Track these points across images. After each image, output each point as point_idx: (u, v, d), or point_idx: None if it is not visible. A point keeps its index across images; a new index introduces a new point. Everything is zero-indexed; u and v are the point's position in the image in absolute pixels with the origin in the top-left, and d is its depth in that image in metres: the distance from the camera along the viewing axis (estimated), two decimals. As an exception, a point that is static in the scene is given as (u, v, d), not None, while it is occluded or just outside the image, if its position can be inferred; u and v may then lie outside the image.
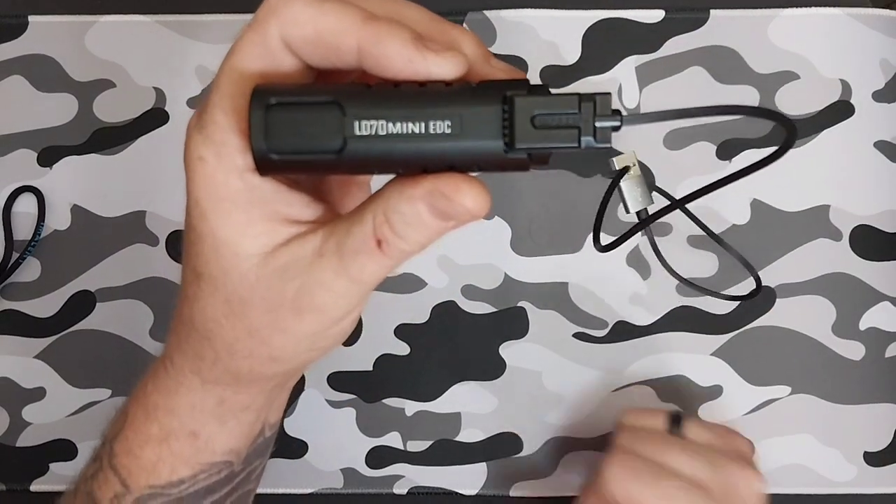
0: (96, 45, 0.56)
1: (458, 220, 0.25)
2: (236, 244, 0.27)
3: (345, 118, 0.24)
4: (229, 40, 0.55)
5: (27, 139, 0.56)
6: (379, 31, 0.24)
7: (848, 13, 0.55)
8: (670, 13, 0.55)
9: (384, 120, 0.24)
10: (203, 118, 0.26)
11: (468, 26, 0.55)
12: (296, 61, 0.26)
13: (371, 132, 0.24)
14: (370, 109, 0.24)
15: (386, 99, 0.24)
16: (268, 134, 0.24)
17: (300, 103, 0.24)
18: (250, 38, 0.26)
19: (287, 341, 0.29)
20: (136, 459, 0.34)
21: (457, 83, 0.24)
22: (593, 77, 0.55)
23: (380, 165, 0.25)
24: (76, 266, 0.55)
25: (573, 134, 0.24)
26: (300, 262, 0.27)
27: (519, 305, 0.54)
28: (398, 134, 0.24)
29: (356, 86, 0.25)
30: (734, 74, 0.55)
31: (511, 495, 0.54)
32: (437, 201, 0.24)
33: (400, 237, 0.26)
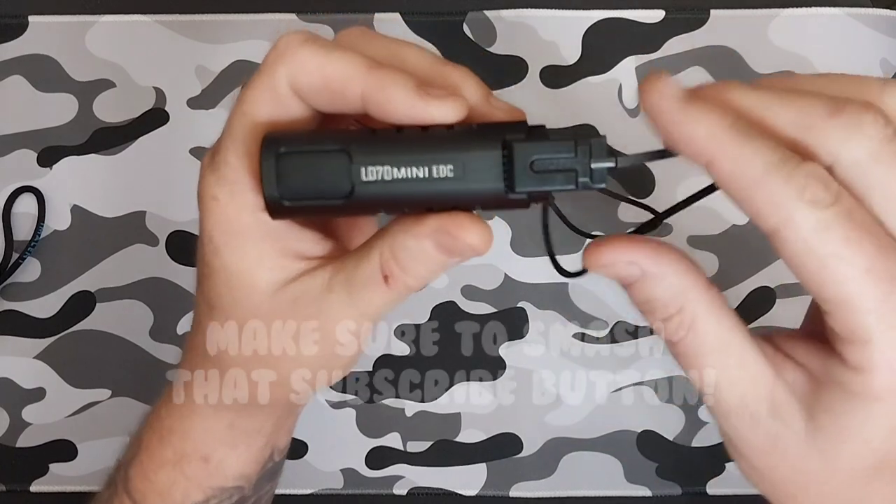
0: (96, 45, 0.56)
1: (461, 256, 0.26)
2: (249, 277, 0.28)
3: (352, 165, 0.25)
4: (229, 40, 0.56)
5: (27, 139, 0.56)
6: (383, 79, 0.25)
7: (848, 13, 0.55)
8: (670, 13, 0.55)
9: (389, 166, 0.25)
10: (216, 159, 0.28)
11: (468, 26, 0.55)
12: (303, 106, 0.27)
13: (377, 178, 0.25)
14: (376, 156, 0.25)
15: (390, 145, 0.25)
16: (279, 181, 0.25)
17: (309, 151, 0.25)
18: (260, 84, 0.27)
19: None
20: (150, 484, 0.35)
21: (458, 125, 0.25)
22: (593, 77, 0.55)
23: (386, 207, 0.26)
24: (76, 266, 0.55)
25: (571, 176, 0.25)
26: (310, 295, 0.28)
27: (519, 305, 0.54)
28: (403, 178, 0.25)
29: (362, 132, 0.26)
30: (734, 74, 0.55)
31: (511, 496, 0.54)
32: (442, 238, 0.26)
33: (406, 272, 0.27)
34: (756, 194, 0.23)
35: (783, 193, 0.22)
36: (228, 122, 0.27)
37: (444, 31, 0.55)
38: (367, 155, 0.25)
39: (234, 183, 0.27)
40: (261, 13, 0.56)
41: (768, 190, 0.22)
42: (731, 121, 0.23)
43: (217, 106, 0.55)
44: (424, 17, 0.56)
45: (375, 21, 0.55)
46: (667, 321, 0.26)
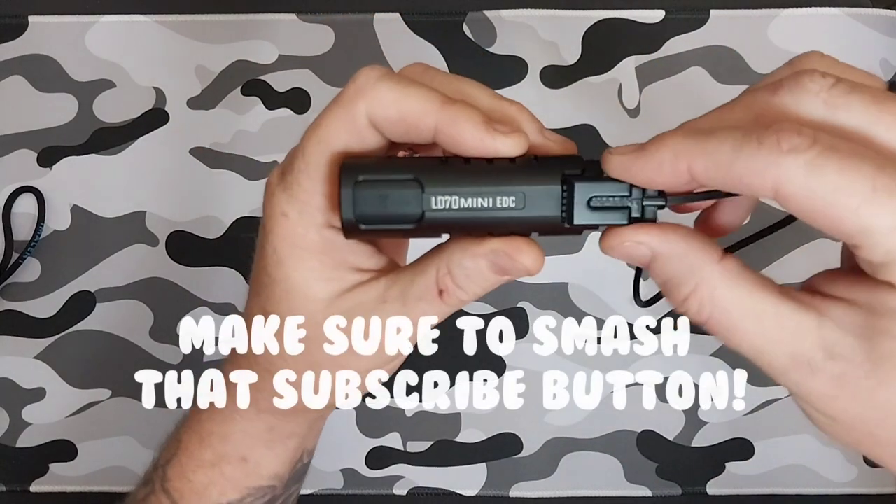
0: (96, 45, 0.56)
1: (514, 276, 0.29)
2: (308, 288, 0.30)
3: (423, 194, 0.27)
4: (229, 40, 0.56)
5: (27, 139, 0.56)
6: (456, 115, 0.27)
7: (848, 13, 0.55)
8: (670, 13, 0.55)
9: (458, 196, 0.27)
10: (287, 179, 0.30)
11: (468, 26, 0.55)
12: (378, 137, 0.29)
13: (446, 206, 0.27)
14: (446, 186, 0.27)
15: (459, 177, 0.27)
16: (356, 206, 0.28)
17: (385, 180, 0.28)
18: (338, 114, 0.29)
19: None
20: (188, 483, 0.37)
21: (520, 158, 0.28)
22: (593, 77, 0.55)
23: (451, 231, 0.29)
24: (76, 266, 0.55)
25: (624, 214, 0.27)
26: (365, 306, 0.31)
27: (519, 306, 0.54)
28: (469, 207, 0.27)
29: (432, 161, 0.28)
30: (734, 74, 0.55)
31: (511, 496, 0.54)
32: (499, 259, 0.28)
33: (460, 288, 0.29)
34: (741, 171, 0.23)
35: (763, 157, 0.23)
36: (303, 146, 0.29)
37: (444, 32, 0.55)
38: (438, 185, 0.27)
39: (305, 203, 0.29)
40: (260, 13, 0.56)
41: (748, 161, 0.23)
42: (685, 133, 0.25)
43: (217, 106, 0.55)
44: (424, 17, 0.55)
45: (375, 21, 0.55)
46: (686, 301, 0.26)
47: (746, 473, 0.54)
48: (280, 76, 0.55)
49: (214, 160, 0.55)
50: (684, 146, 0.25)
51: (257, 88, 0.56)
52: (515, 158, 0.28)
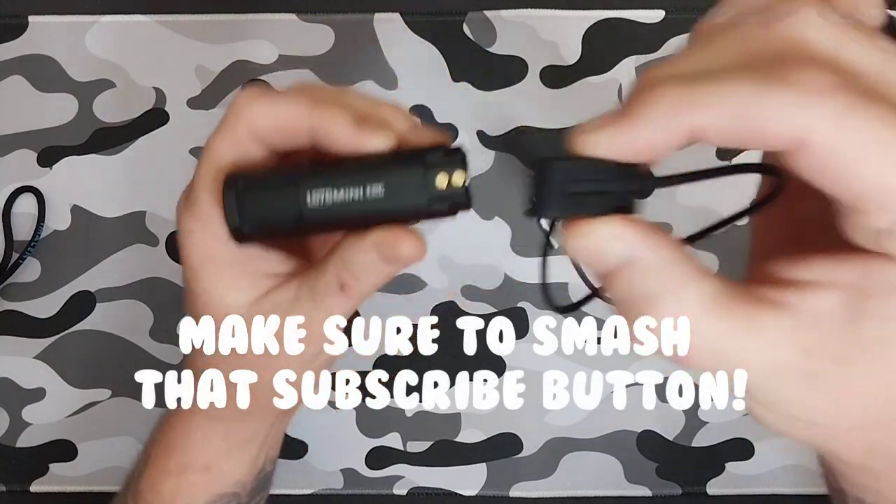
0: (96, 45, 0.56)
1: (403, 264, 0.30)
2: (225, 297, 0.32)
3: (298, 192, 0.29)
4: (229, 40, 0.56)
5: (27, 139, 0.56)
6: (325, 116, 0.29)
7: (848, 13, 0.55)
8: (670, 13, 0.55)
9: (329, 189, 0.28)
10: (190, 199, 0.32)
11: (468, 26, 0.55)
12: (262, 148, 0.30)
13: (321, 202, 0.29)
14: (318, 183, 0.29)
15: (329, 173, 0.29)
16: (239, 212, 0.29)
17: (263, 185, 0.29)
18: (222, 133, 0.31)
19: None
20: (157, 495, 0.38)
21: (389, 153, 0.29)
22: (593, 77, 0.55)
23: (334, 227, 0.30)
24: (76, 266, 0.55)
25: (607, 201, 0.25)
26: (281, 307, 0.32)
27: (519, 306, 0.54)
28: (342, 201, 0.28)
29: (308, 164, 0.30)
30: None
31: (511, 496, 0.54)
32: (383, 250, 0.29)
33: (358, 280, 0.31)
34: (763, 119, 0.20)
35: (791, 100, 0.20)
36: (198, 166, 0.31)
37: (444, 32, 0.55)
38: (311, 182, 0.29)
39: (206, 219, 0.31)
40: (261, 13, 0.56)
41: (772, 107, 0.20)
42: (681, 81, 0.22)
43: (217, 106, 0.55)
44: (424, 16, 0.55)
45: (375, 21, 0.55)
46: (656, 330, 0.24)
47: (746, 473, 0.54)
48: (280, 76, 0.55)
49: (214, 160, 0.55)
50: (687, 97, 0.21)
51: (257, 88, 0.55)
52: (387, 153, 0.29)
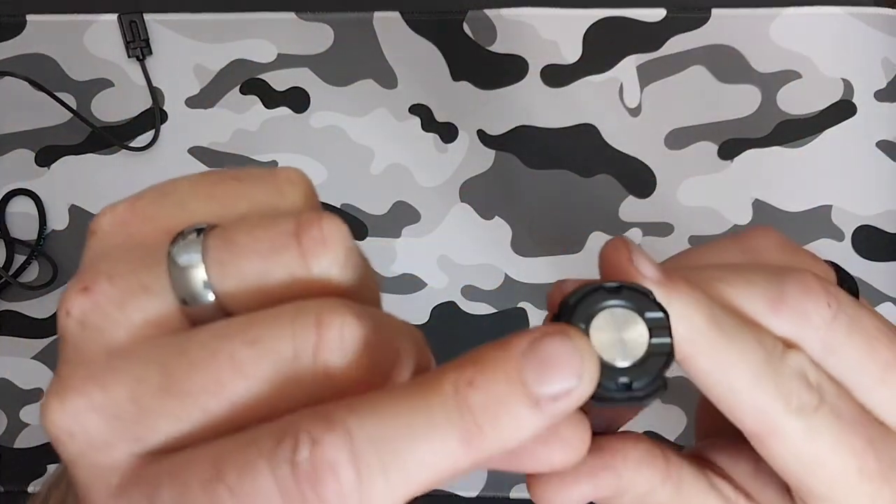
0: (95, 45, 0.56)
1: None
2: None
3: None
4: (228, 39, 0.55)
5: (25, 139, 0.55)
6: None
7: (850, 12, 0.55)
8: (671, 12, 0.55)
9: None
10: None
11: (468, 25, 0.55)
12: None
13: None
14: None
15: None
16: None
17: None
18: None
19: None
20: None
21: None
22: (594, 76, 0.55)
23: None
24: (75, 266, 0.55)
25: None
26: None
27: (519, 306, 0.54)
28: None
29: None
30: (736, 74, 0.54)
31: (511, 497, 0.54)
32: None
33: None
34: (742, 402, 0.21)
35: (771, 403, 0.21)
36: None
37: (444, 30, 0.55)
38: None
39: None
40: (260, 12, 0.56)
41: (755, 398, 0.21)
42: (711, 310, 0.21)
43: (216, 105, 0.55)
44: (424, 15, 0.55)
45: (375, 20, 0.55)
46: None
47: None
48: (279, 75, 0.55)
49: (213, 159, 0.55)
50: (704, 330, 0.21)
51: (256, 87, 0.55)
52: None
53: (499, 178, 0.54)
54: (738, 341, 0.21)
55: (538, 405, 0.17)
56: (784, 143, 0.54)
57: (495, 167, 0.55)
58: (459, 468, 0.17)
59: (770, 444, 0.21)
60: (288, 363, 0.17)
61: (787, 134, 0.54)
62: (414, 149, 0.55)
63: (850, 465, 0.21)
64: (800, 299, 0.22)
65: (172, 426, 0.17)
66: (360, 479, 0.16)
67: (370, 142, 0.55)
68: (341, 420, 0.16)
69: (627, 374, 0.20)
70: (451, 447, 0.17)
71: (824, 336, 0.22)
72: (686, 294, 0.21)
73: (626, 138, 0.54)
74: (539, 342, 0.17)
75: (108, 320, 0.18)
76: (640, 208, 0.54)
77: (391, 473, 0.16)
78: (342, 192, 0.56)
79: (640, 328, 0.20)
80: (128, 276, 0.19)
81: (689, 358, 0.21)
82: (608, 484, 0.22)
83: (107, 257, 0.19)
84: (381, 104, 0.55)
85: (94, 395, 0.18)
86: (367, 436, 0.16)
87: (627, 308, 0.20)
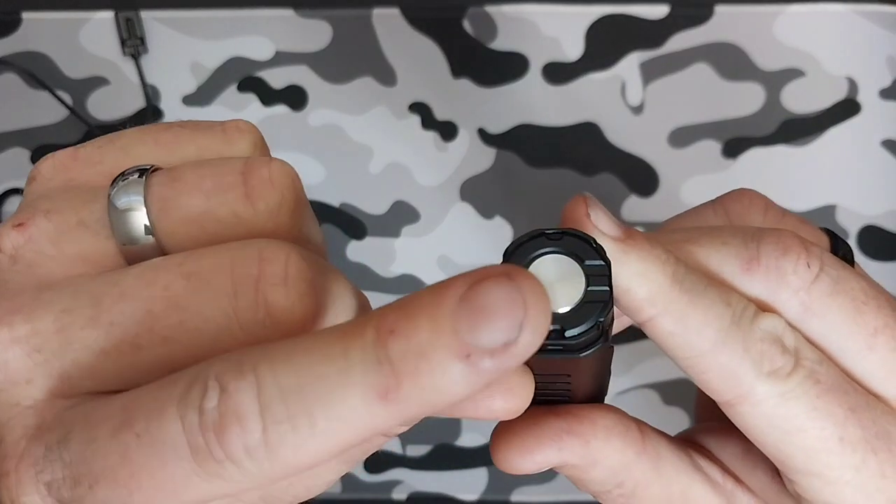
0: (91, 42, 0.55)
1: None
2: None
3: None
4: (225, 36, 0.55)
5: (20, 138, 0.55)
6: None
7: (855, 10, 0.55)
8: (674, 9, 0.55)
9: None
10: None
11: (469, 21, 0.55)
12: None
13: None
14: None
15: None
16: None
17: None
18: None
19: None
20: None
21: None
22: (596, 73, 0.54)
23: None
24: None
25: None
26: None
27: (520, 306, 0.54)
28: None
29: None
30: (739, 71, 0.54)
31: (512, 500, 0.54)
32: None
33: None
34: (708, 365, 0.20)
35: (739, 366, 0.20)
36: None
37: (444, 27, 0.55)
38: None
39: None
40: (257, 8, 0.55)
41: (722, 361, 0.20)
42: (674, 268, 0.20)
43: (213, 103, 0.55)
44: (424, 12, 0.55)
45: (374, 16, 0.55)
46: (605, 494, 0.23)
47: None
48: (276, 72, 0.55)
49: (210, 158, 0.55)
50: (667, 287, 0.20)
51: (253, 85, 0.55)
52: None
53: (500, 177, 0.54)
54: (702, 301, 0.20)
55: (469, 359, 0.14)
56: (788, 142, 0.54)
57: (496, 166, 0.54)
58: (379, 426, 0.15)
59: (742, 412, 0.20)
60: (227, 298, 0.16)
61: (791, 132, 0.54)
62: (413, 147, 0.55)
63: (829, 433, 0.20)
64: (776, 258, 0.21)
65: (98, 362, 0.17)
66: (266, 431, 0.15)
67: (369, 140, 0.55)
68: (252, 367, 0.15)
69: (558, 321, 0.18)
70: (368, 401, 0.15)
71: (804, 298, 0.21)
72: (646, 251, 0.20)
73: (629, 136, 0.54)
74: (477, 286, 0.14)
75: (42, 255, 0.18)
76: (643, 207, 0.54)
77: (300, 427, 0.15)
78: (341, 191, 0.55)
79: (579, 276, 0.19)
80: (65, 212, 0.18)
81: (651, 319, 0.20)
82: (574, 451, 0.21)
83: (45, 198, 0.19)
84: (381, 102, 0.55)
85: (18, 325, 0.17)
86: (278, 385, 0.15)
87: (566, 255, 0.19)
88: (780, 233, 0.21)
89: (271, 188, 0.18)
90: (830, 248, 0.24)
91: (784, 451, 0.21)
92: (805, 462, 0.21)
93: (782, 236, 0.21)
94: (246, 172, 0.18)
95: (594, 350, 0.19)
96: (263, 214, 0.18)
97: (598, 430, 0.22)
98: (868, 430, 0.20)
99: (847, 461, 0.20)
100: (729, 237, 0.21)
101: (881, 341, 0.21)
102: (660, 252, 0.20)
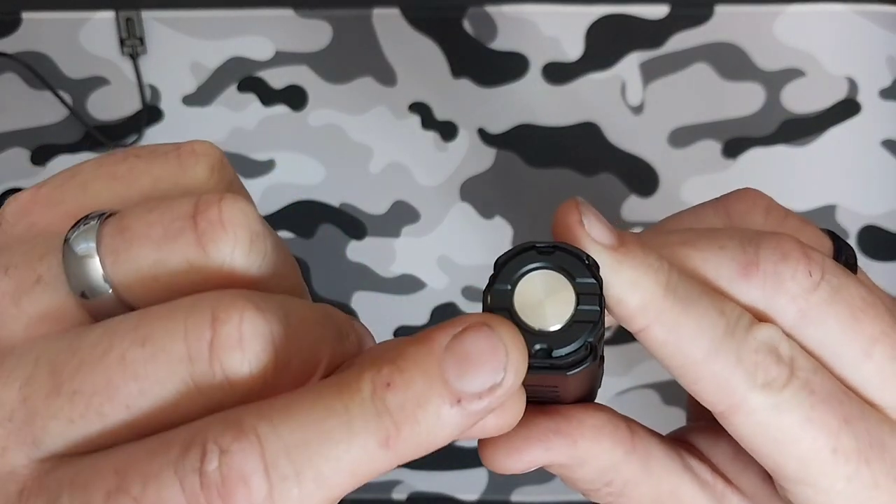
0: (91, 42, 0.55)
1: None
2: None
3: None
4: (225, 36, 0.55)
5: (20, 138, 0.55)
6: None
7: (855, 9, 0.55)
8: (675, 9, 0.55)
9: None
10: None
11: (469, 21, 0.55)
12: None
13: None
14: None
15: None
16: None
17: None
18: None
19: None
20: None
21: None
22: (596, 74, 0.54)
23: None
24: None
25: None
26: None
27: (520, 307, 0.54)
28: None
29: None
30: (739, 71, 0.54)
31: (512, 500, 0.54)
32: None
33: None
34: (701, 375, 0.20)
35: (733, 376, 0.20)
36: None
37: (444, 27, 0.55)
38: None
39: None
40: (257, 8, 0.55)
41: (715, 371, 0.20)
42: (667, 277, 0.20)
43: (212, 103, 0.55)
44: (424, 12, 0.55)
45: (374, 16, 0.55)
46: (594, 492, 0.23)
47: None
48: (276, 72, 0.55)
49: (210, 158, 0.55)
50: (660, 296, 0.20)
51: (253, 85, 0.55)
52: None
53: (500, 177, 0.54)
54: (695, 310, 0.20)
55: (461, 403, 0.17)
56: (788, 142, 0.54)
57: (496, 166, 0.54)
58: (380, 469, 0.17)
59: (735, 421, 0.20)
60: (182, 364, 0.16)
61: (791, 132, 0.54)
62: (413, 147, 0.55)
63: (822, 444, 0.20)
64: (775, 264, 0.20)
65: (67, 429, 0.16)
66: (272, 489, 0.15)
67: (369, 140, 0.55)
68: (252, 427, 0.15)
69: (546, 340, 0.18)
70: (370, 451, 0.16)
71: (802, 305, 0.20)
72: (639, 259, 0.19)
73: (629, 136, 0.54)
74: (461, 337, 0.17)
75: (5, 315, 0.17)
76: (643, 207, 0.54)
77: (306, 481, 0.16)
78: (341, 192, 0.55)
79: (569, 294, 0.19)
80: (23, 268, 0.18)
81: (644, 329, 0.20)
82: (561, 451, 0.21)
83: (6, 249, 0.18)
84: (380, 102, 0.55)
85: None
86: (280, 443, 0.16)
87: (557, 271, 0.19)
88: (780, 237, 0.21)
89: (222, 230, 0.17)
90: (833, 252, 0.24)
91: (776, 461, 0.21)
92: (797, 471, 0.21)
93: (781, 241, 0.21)
94: (196, 215, 0.17)
95: (582, 369, 0.19)
96: (216, 260, 0.17)
97: (585, 429, 0.22)
98: (862, 440, 0.20)
99: (840, 471, 0.20)
100: (727, 240, 0.21)
101: (878, 350, 0.21)
102: (653, 260, 0.20)
